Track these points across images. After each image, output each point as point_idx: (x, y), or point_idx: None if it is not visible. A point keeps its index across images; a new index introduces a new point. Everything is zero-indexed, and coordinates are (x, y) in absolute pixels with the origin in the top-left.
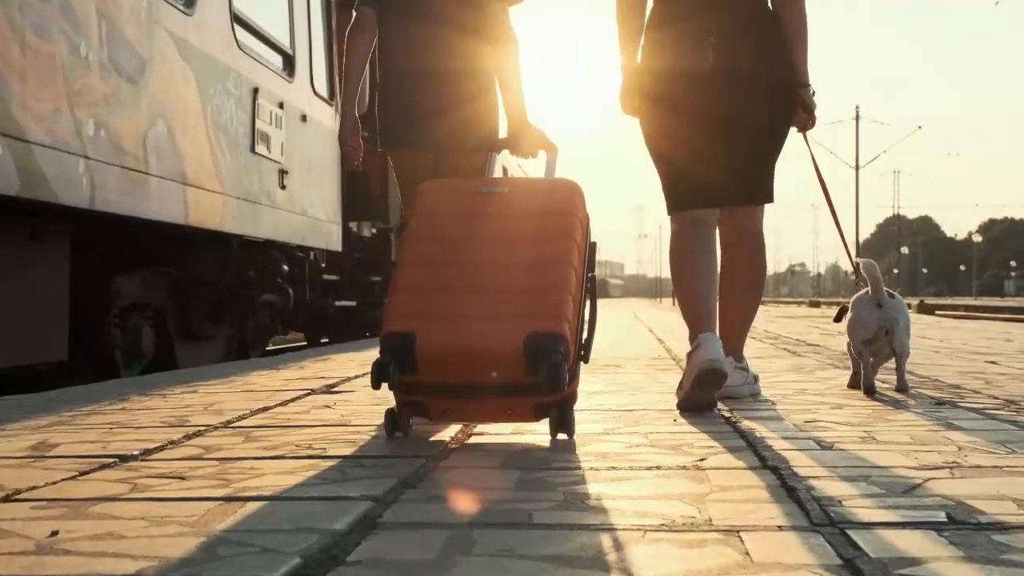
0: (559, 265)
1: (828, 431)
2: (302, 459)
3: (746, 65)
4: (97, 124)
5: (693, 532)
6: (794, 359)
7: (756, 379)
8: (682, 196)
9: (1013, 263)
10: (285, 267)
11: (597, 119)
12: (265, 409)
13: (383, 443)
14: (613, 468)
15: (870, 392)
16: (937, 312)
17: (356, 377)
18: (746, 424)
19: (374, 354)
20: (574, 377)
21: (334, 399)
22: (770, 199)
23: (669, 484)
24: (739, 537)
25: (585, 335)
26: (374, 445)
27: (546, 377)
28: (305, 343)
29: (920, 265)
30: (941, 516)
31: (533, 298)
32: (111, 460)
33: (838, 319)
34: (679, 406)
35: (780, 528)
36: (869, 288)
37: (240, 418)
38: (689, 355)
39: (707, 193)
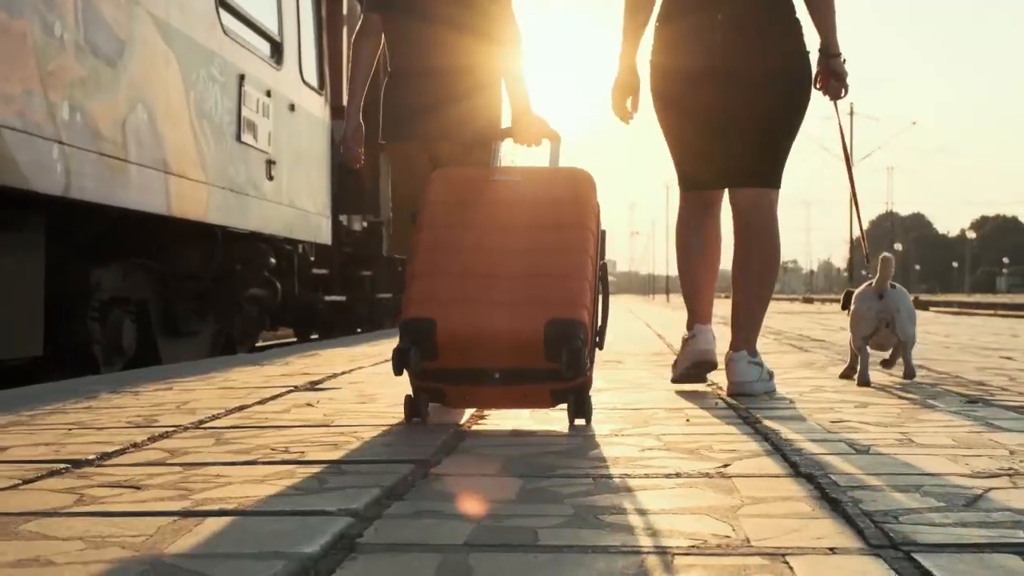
0: (575, 253)
1: (859, 432)
2: (276, 464)
3: (754, 54)
4: (72, 108)
5: (731, 556)
6: (802, 355)
7: (771, 376)
8: (687, 181)
9: (1006, 260)
10: (272, 260)
11: (589, 117)
12: (242, 408)
13: (367, 446)
14: (626, 475)
15: (864, 385)
16: (932, 308)
17: (343, 373)
18: (767, 425)
19: (363, 350)
20: (591, 363)
21: (317, 397)
22: (768, 183)
23: (693, 495)
24: (786, 562)
25: (599, 322)
26: (357, 448)
27: (567, 363)
28: (295, 339)
29: (912, 262)
30: (1020, 535)
31: (551, 285)
32: (62, 466)
33: (845, 306)
34: (674, 380)
35: (832, 551)
36: (875, 279)
37: (213, 418)
38: (684, 341)
39: (710, 178)
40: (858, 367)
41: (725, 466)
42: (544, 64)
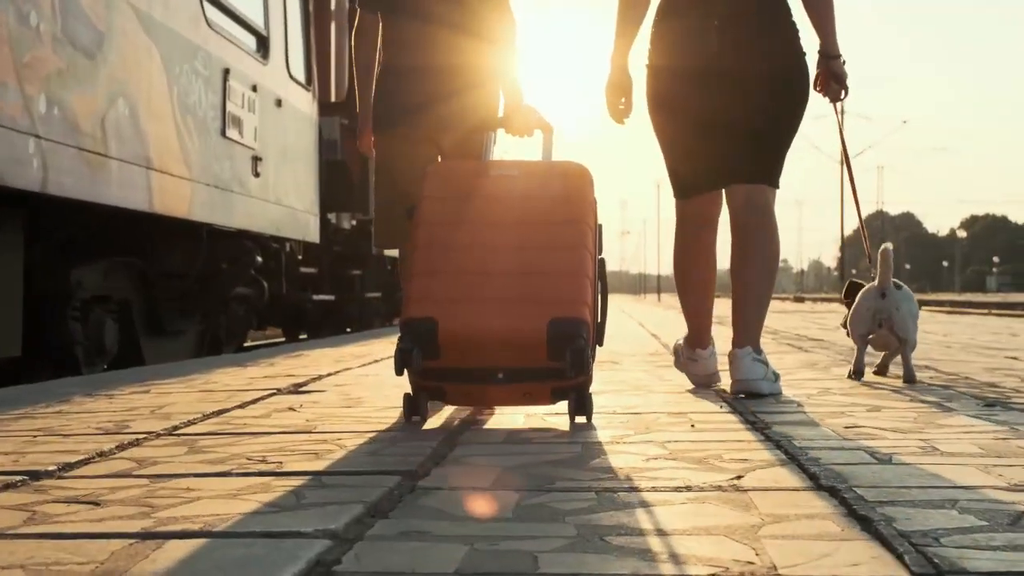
0: (576, 250)
1: (877, 439)
2: (251, 476)
3: (749, 55)
4: (50, 101)
5: None
6: (803, 355)
7: (777, 377)
8: (683, 186)
9: (996, 259)
10: (259, 259)
11: (579, 116)
12: (220, 412)
13: (351, 455)
14: (633, 489)
15: (858, 376)
16: (924, 307)
17: (328, 375)
18: (778, 431)
19: (351, 351)
20: (592, 361)
21: (300, 400)
22: (765, 180)
23: (707, 512)
24: None
25: (598, 319)
26: (340, 458)
27: (571, 362)
28: (283, 339)
29: (903, 261)
30: None
31: (552, 283)
32: (19, 478)
33: (847, 295)
34: (676, 366)
35: None
36: (877, 276)
37: (189, 423)
38: (687, 355)
39: (707, 180)
40: (854, 361)
41: (738, 477)
42: (542, 63)
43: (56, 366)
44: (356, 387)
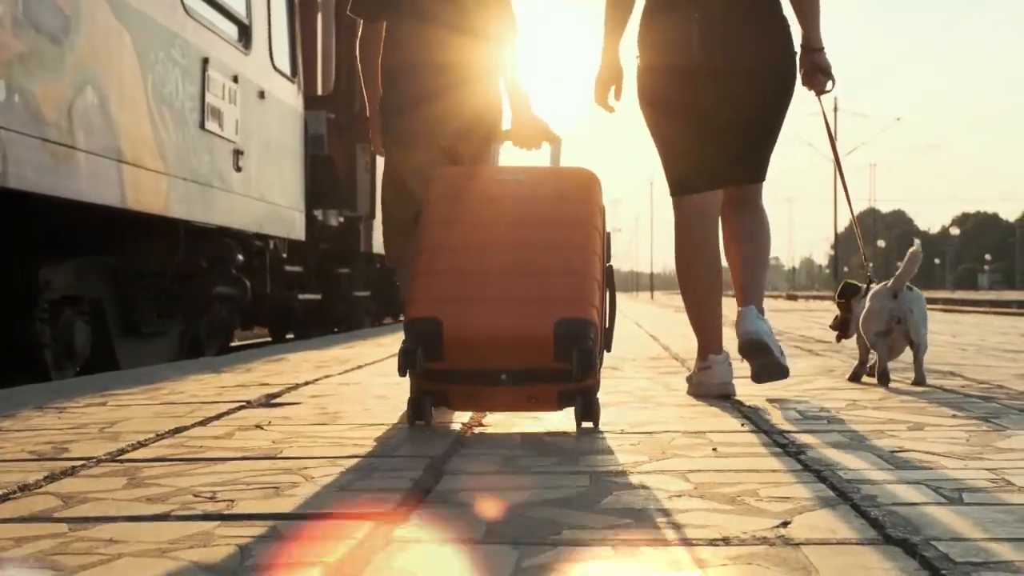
0: (583, 252)
1: (934, 468)
2: (192, 520)
3: (737, 54)
4: (10, 88)
5: None
6: (816, 359)
7: (783, 353)
8: (679, 184)
9: (988, 256)
10: (241, 257)
11: (572, 113)
12: (177, 431)
13: (317, 491)
14: (657, 541)
15: (884, 379)
16: None
17: (306, 384)
18: (815, 456)
19: (334, 354)
20: (600, 364)
21: (270, 416)
22: (759, 179)
23: None
24: None
25: (606, 324)
26: (303, 495)
27: (578, 363)
28: (270, 339)
29: (895, 259)
30: None
31: (559, 283)
32: None
33: (840, 297)
34: (690, 393)
35: None
36: (891, 279)
37: (138, 445)
38: (699, 366)
39: (702, 178)
40: (877, 364)
41: (784, 524)
42: (534, 60)
43: (23, 371)
44: (334, 399)
